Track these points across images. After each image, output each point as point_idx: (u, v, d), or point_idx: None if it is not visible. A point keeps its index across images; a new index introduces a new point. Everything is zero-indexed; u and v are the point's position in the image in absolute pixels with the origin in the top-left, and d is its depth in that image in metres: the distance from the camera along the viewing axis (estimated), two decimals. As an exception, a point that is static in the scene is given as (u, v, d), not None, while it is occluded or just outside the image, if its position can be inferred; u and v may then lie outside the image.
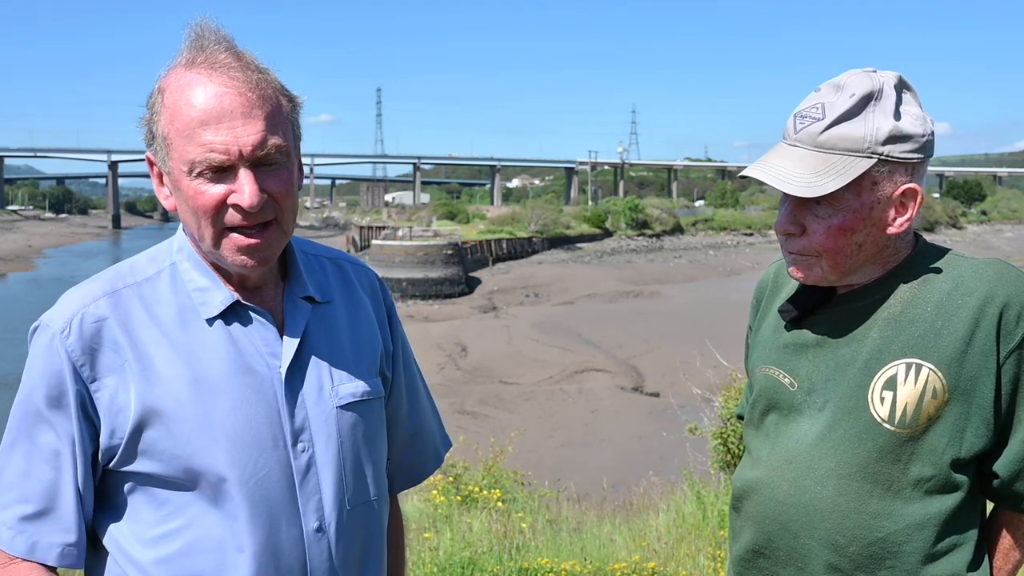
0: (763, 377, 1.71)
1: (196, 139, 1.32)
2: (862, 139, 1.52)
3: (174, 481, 1.39)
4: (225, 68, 1.34)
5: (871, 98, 1.53)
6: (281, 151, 1.36)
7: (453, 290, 45.46)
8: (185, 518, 1.39)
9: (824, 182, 1.51)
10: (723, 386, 6.76)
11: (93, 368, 1.38)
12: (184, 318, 1.42)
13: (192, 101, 1.33)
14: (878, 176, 1.53)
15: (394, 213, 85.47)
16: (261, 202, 1.34)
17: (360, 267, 1.66)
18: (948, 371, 1.52)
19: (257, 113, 1.33)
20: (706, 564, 4.81)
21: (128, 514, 1.42)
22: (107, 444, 1.39)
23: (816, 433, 1.60)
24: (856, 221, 1.55)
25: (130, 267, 1.47)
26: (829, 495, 1.57)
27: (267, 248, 1.39)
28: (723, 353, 7.54)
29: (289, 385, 1.44)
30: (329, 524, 1.44)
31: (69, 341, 1.37)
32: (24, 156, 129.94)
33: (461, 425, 17.78)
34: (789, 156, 1.57)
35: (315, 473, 1.44)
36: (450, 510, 5.92)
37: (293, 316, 1.48)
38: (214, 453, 1.37)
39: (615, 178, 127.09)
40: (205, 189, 1.34)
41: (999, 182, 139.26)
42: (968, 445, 1.53)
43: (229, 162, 1.33)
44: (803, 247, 1.59)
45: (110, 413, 1.38)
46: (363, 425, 1.51)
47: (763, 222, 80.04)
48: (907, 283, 1.59)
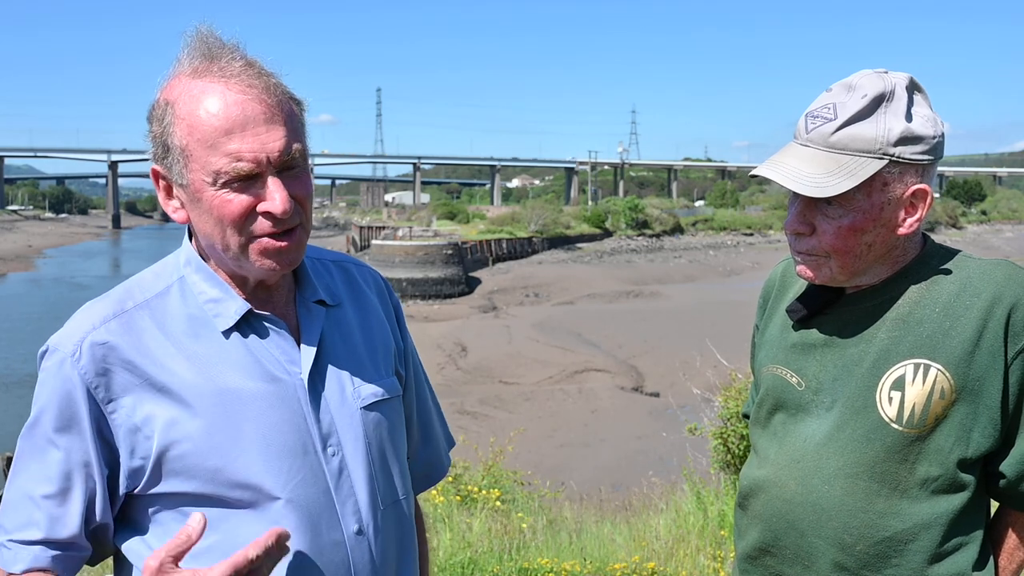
0: (770, 376, 1.72)
1: (221, 149, 1.30)
2: (874, 140, 1.52)
3: (207, 497, 1.36)
4: (240, 76, 1.33)
5: (883, 99, 1.53)
6: (302, 154, 1.36)
7: (453, 290, 45.45)
8: (221, 533, 1.35)
9: (836, 182, 1.51)
10: (723, 386, 6.75)
11: (108, 389, 1.35)
12: (198, 331, 1.40)
13: (212, 110, 1.31)
14: (889, 177, 1.53)
15: (394, 213, 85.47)
16: (292, 207, 1.34)
17: (364, 267, 1.66)
18: (956, 371, 1.52)
19: (278, 119, 1.33)
20: (706, 564, 4.81)
21: (160, 534, 1.38)
22: (129, 467, 1.36)
23: (824, 433, 1.61)
24: (866, 221, 1.55)
25: (138, 284, 1.45)
26: (836, 494, 1.58)
27: (296, 250, 1.38)
28: (723, 353, 7.54)
29: (312, 390, 1.43)
30: (367, 526, 1.44)
31: (81, 364, 1.34)
32: (24, 156, 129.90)
33: (461, 425, 17.77)
34: (801, 156, 1.56)
35: (348, 476, 1.43)
36: (450, 510, 5.92)
37: (308, 321, 1.47)
38: (247, 464, 1.35)
39: (615, 178, 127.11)
40: (232, 198, 1.32)
41: (999, 182, 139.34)
42: (975, 445, 1.54)
43: (257, 170, 1.31)
44: (812, 247, 1.59)
45: (129, 434, 1.35)
46: (387, 424, 1.51)
47: (763, 222, 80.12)
48: (915, 284, 1.60)
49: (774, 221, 78.74)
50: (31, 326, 8.38)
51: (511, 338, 29.06)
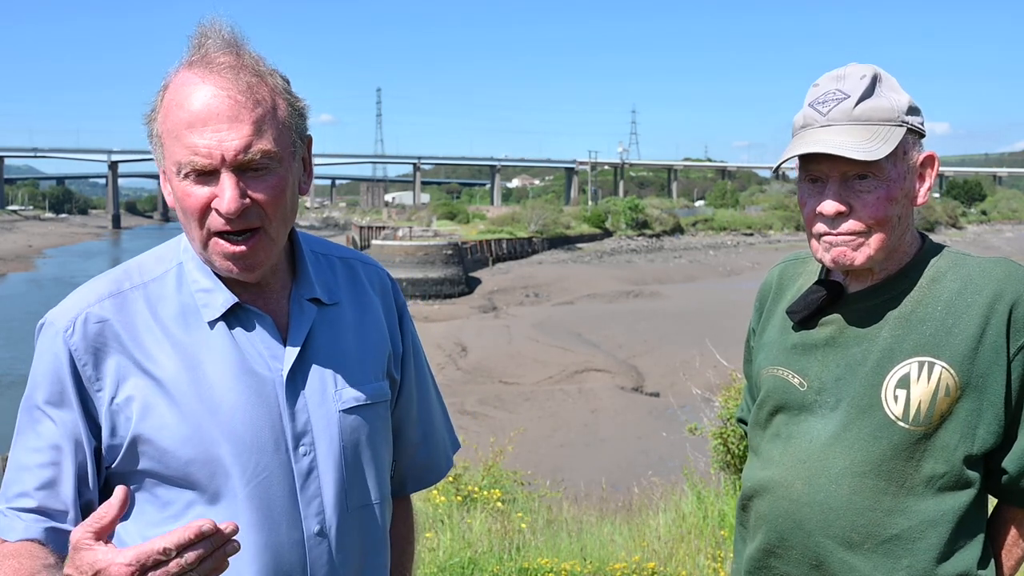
0: (771, 378, 1.71)
1: (183, 140, 1.32)
2: (891, 109, 1.57)
3: (176, 480, 1.38)
4: (220, 69, 1.33)
5: (877, 80, 1.59)
6: (270, 156, 1.34)
7: (453, 290, 45.45)
8: (187, 519, 1.36)
9: (878, 147, 1.54)
10: (723, 386, 6.75)
11: (96, 367, 1.38)
12: (187, 319, 1.42)
13: (183, 102, 1.33)
14: (907, 145, 1.59)
15: (394, 213, 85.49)
16: (240, 208, 1.33)
17: (372, 266, 1.65)
18: (960, 368, 1.53)
19: (245, 117, 1.32)
20: (706, 564, 4.81)
21: (135, 513, 1.41)
22: (108, 443, 1.39)
23: (830, 432, 1.61)
24: (896, 190, 1.58)
25: (138, 266, 1.48)
26: (844, 493, 1.58)
27: (252, 256, 1.37)
28: (723, 353, 7.55)
29: (291, 388, 1.43)
30: (330, 528, 1.44)
31: (73, 340, 1.38)
32: (24, 156, 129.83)
33: (461, 425, 17.76)
34: (832, 132, 1.57)
35: (316, 477, 1.43)
36: (450, 510, 5.92)
37: (298, 319, 1.47)
38: (216, 453, 1.37)
39: (615, 178, 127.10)
40: (191, 191, 1.34)
41: (999, 182, 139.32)
42: (980, 441, 1.55)
43: (212, 166, 1.32)
44: (852, 226, 1.57)
45: (111, 413, 1.38)
46: (366, 429, 1.49)
47: (763, 222, 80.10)
48: (916, 282, 1.61)
49: (774, 221, 78.82)
50: (31, 326, 8.34)
51: (511, 338, 29.05)
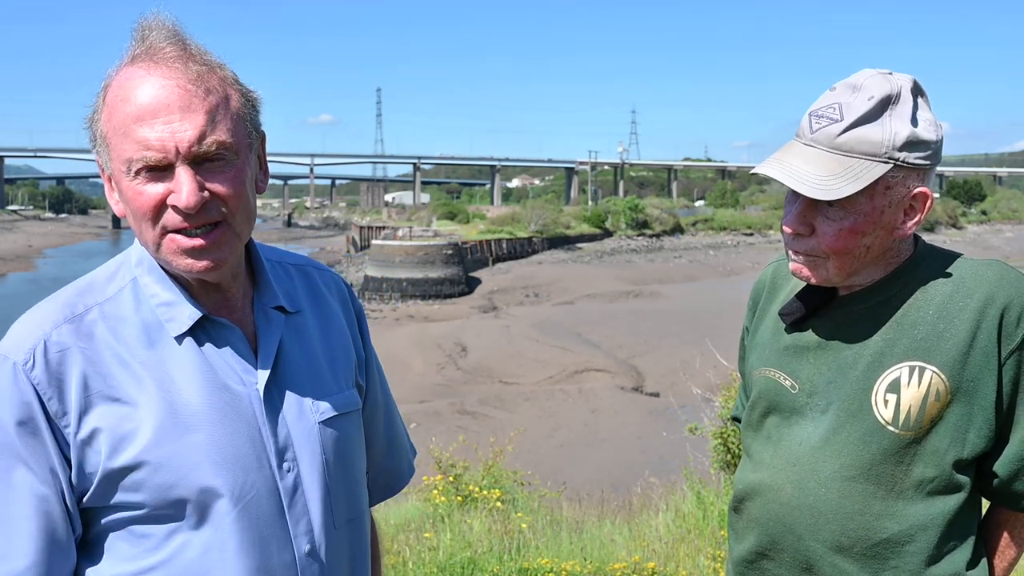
0: (763, 380, 1.71)
1: (132, 136, 1.24)
2: (880, 143, 1.50)
3: (156, 512, 1.29)
4: (166, 60, 1.26)
5: (889, 102, 1.51)
6: (226, 147, 1.26)
7: (453, 290, 45.44)
8: (167, 551, 1.30)
9: (840, 185, 1.49)
10: (723, 386, 6.76)
11: (60, 401, 1.27)
12: (151, 337, 1.32)
13: (128, 96, 1.24)
14: (892, 181, 1.52)
15: (394, 213, 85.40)
16: (199, 202, 1.24)
17: (326, 272, 1.58)
18: (951, 373, 1.52)
19: (197, 107, 1.24)
20: (706, 564, 4.80)
21: (104, 551, 1.32)
22: (78, 480, 1.29)
23: (820, 436, 1.60)
24: (867, 224, 1.54)
25: (88, 286, 1.36)
26: (833, 497, 1.58)
27: (215, 250, 1.29)
28: (723, 353, 7.55)
29: (268, 402, 1.35)
30: (320, 546, 1.37)
31: (34, 373, 1.26)
32: (24, 156, 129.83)
33: (461, 425, 17.78)
34: (805, 156, 1.54)
35: (302, 494, 1.36)
36: (450, 510, 5.92)
37: (266, 329, 1.39)
38: (198, 479, 1.28)
39: (615, 178, 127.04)
40: (143, 190, 1.25)
41: (999, 182, 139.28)
42: (971, 446, 1.54)
43: (166, 160, 1.23)
44: (812, 248, 1.58)
45: (79, 447, 1.27)
46: (345, 439, 1.44)
47: (763, 222, 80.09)
48: (908, 285, 1.59)
49: (774, 221, 78.69)
50: (31, 326, 8.38)
51: (511, 338, 29.05)
